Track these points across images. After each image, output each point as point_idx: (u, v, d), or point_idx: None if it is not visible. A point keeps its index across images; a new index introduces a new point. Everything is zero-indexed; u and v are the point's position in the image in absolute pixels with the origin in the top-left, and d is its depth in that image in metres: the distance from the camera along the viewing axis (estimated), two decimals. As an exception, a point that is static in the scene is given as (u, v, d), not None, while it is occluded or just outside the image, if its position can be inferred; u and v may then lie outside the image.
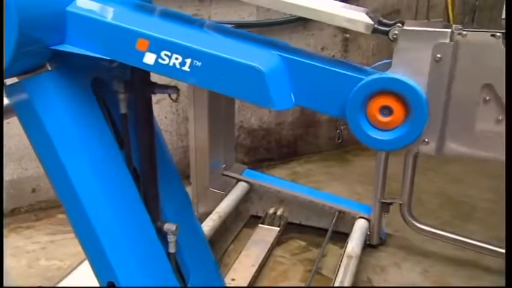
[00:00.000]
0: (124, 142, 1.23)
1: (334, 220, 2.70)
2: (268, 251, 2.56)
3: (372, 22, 1.03)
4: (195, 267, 1.37)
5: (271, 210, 2.85)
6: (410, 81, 0.98)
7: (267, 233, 2.70)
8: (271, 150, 3.99)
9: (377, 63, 1.09)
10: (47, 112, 1.08)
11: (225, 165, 2.91)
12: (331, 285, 2.17)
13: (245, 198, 2.89)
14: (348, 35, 3.75)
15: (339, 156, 4.05)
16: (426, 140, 1.04)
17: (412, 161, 2.51)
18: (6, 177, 2.94)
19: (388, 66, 1.03)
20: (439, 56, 0.97)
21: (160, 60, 1.01)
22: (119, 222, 1.17)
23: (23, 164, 3.03)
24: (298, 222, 2.86)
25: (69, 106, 1.10)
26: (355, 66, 1.07)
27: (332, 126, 4.17)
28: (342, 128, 4.14)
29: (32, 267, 2.50)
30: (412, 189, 2.55)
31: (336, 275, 2.22)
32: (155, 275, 1.23)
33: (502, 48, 0.95)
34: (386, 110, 1.00)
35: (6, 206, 2.95)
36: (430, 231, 2.58)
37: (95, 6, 1.04)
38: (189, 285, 1.35)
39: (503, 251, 2.42)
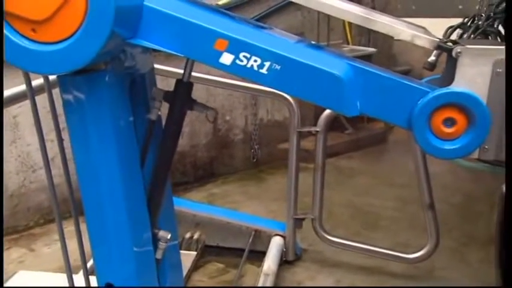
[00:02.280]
0: (144, 147, 1.27)
1: (250, 240, 2.73)
2: (185, 277, 2.51)
3: (437, 39, 1.12)
4: (169, 275, 1.45)
5: (187, 235, 2.82)
6: (475, 94, 1.05)
7: (184, 259, 2.62)
8: (186, 173, 3.96)
9: (427, 78, 1.18)
10: (94, 108, 1.10)
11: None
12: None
13: (160, 225, 2.82)
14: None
15: (254, 175, 4.12)
16: (486, 147, 1.10)
17: (320, 176, 2.63)
18: None
19: (438, 81, 1.12)
20: (499, 70, 1.06)
21: (238, 62, 1.04)
22: (129, 222, 1.21)
23: None
24: (215, 244, 2.86)
25: (113, 105, 1.13)
26: (413, 79, 1.13)
27: (247, 146, 4.25)
28: (256, 147, 4.25)
29: None
30: (322, 204, 2.67)
31: (254, 294, 2.24)
32: (144, 279, 1.30)
33: None
34: (449, 121, 1.07)
35: None
36: (340, 243, 2.70)
37: (172, 3, 1.05)
38: None
39: (406, 256, 2.62)
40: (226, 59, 1.04)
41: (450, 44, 1.12)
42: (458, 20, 2.62)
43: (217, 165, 4.11)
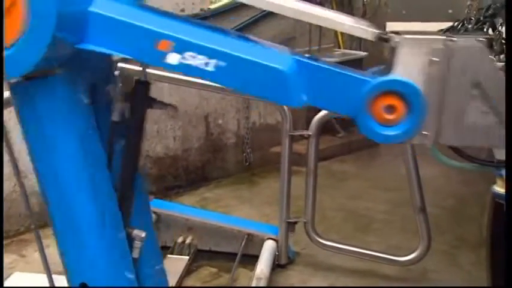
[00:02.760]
0: (108, 148, 1.28)
1: (243, 244, 2.73)
2: (178, 282, 2.50)
3: (377, 31, 1.17)
4: (150, 273, 1.45)
5: (180, 239, 2.81)
6: (411, 82, 1.10)
7: (176, 263, 2.65)
8: (179, 177, 3.95)
9: (371, 69, 1.23)
10: (49, 113, 1.12)
11: (129, 196, 2.81)
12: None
13: (153, 229, 2.81)
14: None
15: (247, 179, 4.12)
16: (425, 132, 1.14)
17: (313, 180, 2.64)
18: None
19: (380, 71, 1.17)
20: (434, 59, 1.10)
21: (184, 61, 1.07)
22: (99, 223, 1.22)
23: None
24: (208, 248, 2.85)
25: (70, 109, 1.14)
26: (356, 70, 1.18)
27: (239, 150, 4.25)
28: (249, 151, 4.25)
29: None
30: (314, 207, 2.67)
31: (246, 298, 2.24)
32: (120, 278, 1.29)
33: (486, 50, 1.11)
34: (389, 108, 1.12)
35: None
36: (333, 246, 2.71)
37: (117, 8, 1.08)
38: None
39: (397, 258, 2.63)
40: (173, 58, 1.08)
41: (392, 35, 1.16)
42: (450, 24, 2.66)
43: (210, 169, 4.10)
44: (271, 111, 4.32)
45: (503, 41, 2.06)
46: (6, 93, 1.22)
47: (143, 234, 1.34)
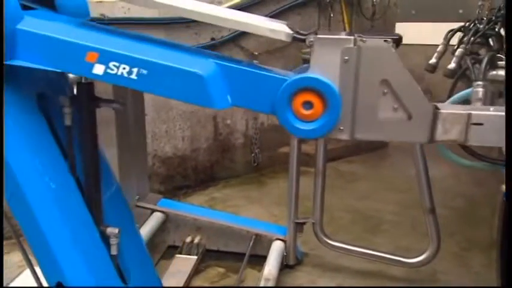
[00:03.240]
0: (68, 152, 1.32)
1: (251, 244, 2.73)
2: (186, 282, 2.51)
3: (291, 32, 1.21)
4: (135, 268, 1.49)
5: (188, 239, 2.82)
6: (326, 79, 1.17)
7: (184, 263, 2.66)
8: (187, 177, 3.96)
9: (297, 68, 1.28)
10: (7, 121, 1.16)
11: (138, 196, 2.83)
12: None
13: (161, 229, 2.82)
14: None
15: (255, 179, 4.12)
16: (341, 127, 1.21)
17: (321, 181, 2.63)
18: None
19: (306, 69, 1.22)
20: (346, 57, 1.18)
21: (109, 71, 1.13)
22: (66, 225, 1.26)
23: None
24: (216, 248, 2.85)
25: (17, 119, 1.19)
26: (278, 70, 1.26)
27: (247, 150, 4.25)
28: (257, 151, 4.25)
29: None
30: (323, 208, 2.66)
31: (254, 299, 2.24)
32: (99, 275, 1.33)
33: (393, 50, 1.18)
34: (308, 105, 1.18)
35: None
36: (341, 247, 2.70)
37: (44, 24, 1.14)
38: (129, 285, 1.45)
39: (407, 260, 2.61)
40: (98, 69, 1.13)
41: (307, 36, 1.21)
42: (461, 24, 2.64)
43: (218, 169, 4.11)
44: (280, 112, 4.32)
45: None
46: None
47: (116, 231, 1.38)
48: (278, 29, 1.23)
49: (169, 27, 3.45)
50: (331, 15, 4.34)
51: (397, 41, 1.20)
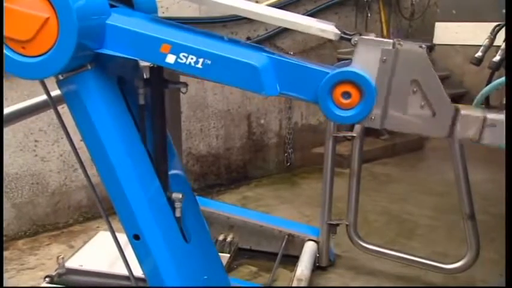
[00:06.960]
0: (141, 127, 1.54)
1: (283, 244, 2.72)
2: (218, 279, 2.53)
3: (339, 32, 1.37)
4: (194, 231, 1.70)
5: (221, 237, 2.83)
6: (365, 74, 1.34)
7: (217, 260, 2.67)
8: (220, 175, 3.99)
9: (337, 63, 1.43)
10: (90, 100, 1.39)
11: (172, 193, 2.87)
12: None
13: (194, 226, 2.86)
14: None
15: (287, 179, 4.11)
16: (373, 117, 1.37)
17: (356, 182, 2.59)
18: None
19: (344, 65, 1.38)
20: (384, 58, 1.34)
21: (179, 60, 1.32)
22: (142, 188, 1.49)
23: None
24: (248, 247, 2.86)
25: (104, 96, 1.41)
26: (320, 64, 1.42)
27: (280, 150, 4.25)
28: (290, 151, 4.24)
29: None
30: (357, 210, 2.63)
31: (286, 299, 2.23)
32: (167, 232, 1.57)
33: (426, 55, 1.35)
34: (346, 95, 1.35)
35: None
36: (375, 250, 2.65)
37: (127, 20, 1.36)
38: (190, 244, 1.67)
39: (444, 266, 2.54)
40: (171, 58, 1.33)
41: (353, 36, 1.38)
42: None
43: (251, 169, 4.12)
44: (314, 112, 4.29)
45: None
46: (56, 92, 1.47)
47: (180, 196, 1.58)
48: (327, 29, 1.39)
49: (207, 27, 3.49)
50: (369, 14, 4.28)
51: (431, 47, 1.27)
